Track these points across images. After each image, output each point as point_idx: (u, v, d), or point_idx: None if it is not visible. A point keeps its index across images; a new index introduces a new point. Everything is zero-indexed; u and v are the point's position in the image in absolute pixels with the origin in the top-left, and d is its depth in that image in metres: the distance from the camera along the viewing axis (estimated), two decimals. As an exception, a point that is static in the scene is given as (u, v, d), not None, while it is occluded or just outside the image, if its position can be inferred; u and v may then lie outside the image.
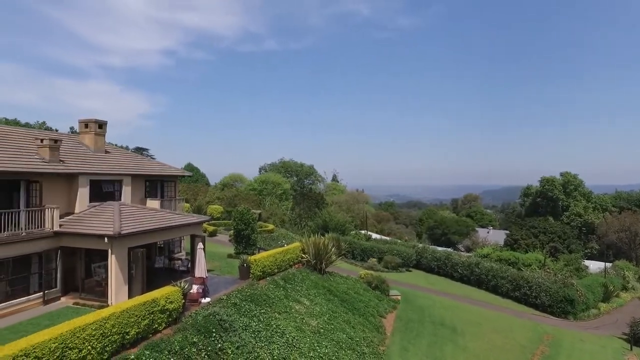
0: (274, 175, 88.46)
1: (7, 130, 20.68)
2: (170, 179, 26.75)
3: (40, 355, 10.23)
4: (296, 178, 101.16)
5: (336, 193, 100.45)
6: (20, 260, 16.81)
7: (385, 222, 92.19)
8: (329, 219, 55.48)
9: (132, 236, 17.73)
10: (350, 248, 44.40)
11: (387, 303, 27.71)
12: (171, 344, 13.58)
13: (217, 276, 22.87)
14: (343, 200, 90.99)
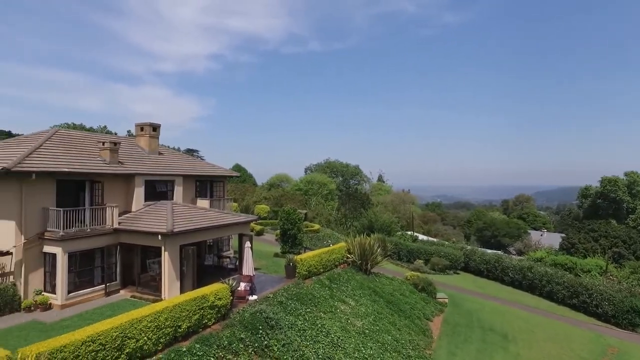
0: (319, 176, 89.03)
1: (74, 135, 22.26)
2: (219, 179, 27.65)
3: (104, 342, 11.00)
4: (342, 178, 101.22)
5: (382, 193, 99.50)
6: (86, 255, 18.06)
7: (432, 223, 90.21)
8: (375, 219, 55.08)
9: (184, 234, 18.50)
10: (396, 249, 43.89)
11: (434, 306, 27.15)
12: (220, 339, 14.06)
13: (263, 274, 23.38)
14: (389, 200, 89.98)
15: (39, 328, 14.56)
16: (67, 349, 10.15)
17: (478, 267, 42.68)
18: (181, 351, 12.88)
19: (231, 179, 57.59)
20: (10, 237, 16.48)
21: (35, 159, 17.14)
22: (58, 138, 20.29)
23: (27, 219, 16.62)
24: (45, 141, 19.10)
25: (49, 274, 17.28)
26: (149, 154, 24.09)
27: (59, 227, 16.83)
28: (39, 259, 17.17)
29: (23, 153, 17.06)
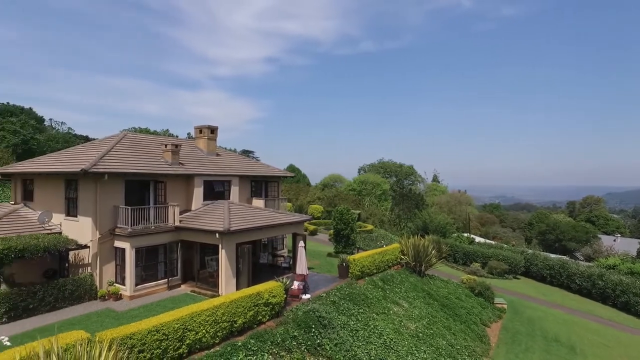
0: (373, 176, 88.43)
1: (141, 138, 23.79)
2: (274, 180, 28.31)
3: (166, 332, 11.70)
4: (395, 178, 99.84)
5: (437, 194, 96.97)
6: (151, 250, 19.25)
7: (489, 225, 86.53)
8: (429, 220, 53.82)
9: (240, 233, 19.15)
10: (451, 251, 42.61)
11: (492, 311, 26.09)
12: (274, 336, 14.42)
13: (316, 274, 23.64)
14: (444, 201, 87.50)
15: (112, 315, 15.77)
16: (135, 336, 10.91)
17: (540, 272, 40.42)
18: (237, 345, 13.35)
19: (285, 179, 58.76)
20: (87, 232, 17.99)
21: (107, 161, 18.54)
22: (127, 141, 21.79)
23: (101, 216, 18.05)
24: (115, 144, 20.59)
25: (119, 267, 18.64)
26: (207, 155, 25.18)
27: (127, 224, 18.09)
28: (111, 253, 18.57)
29: (97, 155, 18.52)
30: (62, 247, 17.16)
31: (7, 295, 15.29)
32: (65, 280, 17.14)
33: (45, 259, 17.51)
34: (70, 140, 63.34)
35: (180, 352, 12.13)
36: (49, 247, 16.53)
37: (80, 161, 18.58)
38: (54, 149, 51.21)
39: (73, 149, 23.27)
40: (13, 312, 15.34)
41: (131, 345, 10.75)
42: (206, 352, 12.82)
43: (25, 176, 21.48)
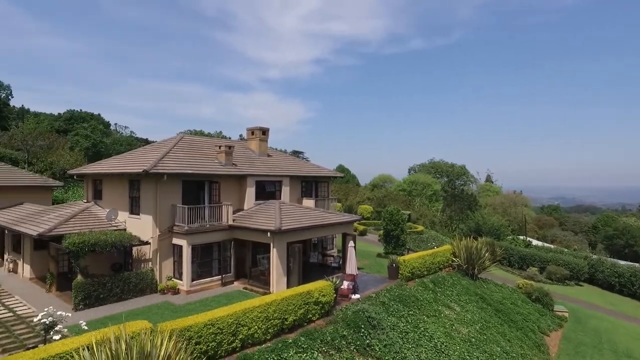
0: (423, 176, 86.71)
1: (196, 140, 24.91)
2: (324, 180, 28.57)
3: (221, 327, 12.21)
4: (447, 179, 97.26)
5: (490, 195, 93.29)
6: (206, 248, 20.11)
7: (548, 228, 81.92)
8: (483, 221, 51.92)
9: (290, 232, 19.53)
10: (506, 254, 40.85)
11: (551, 319, 24.77)
12: (323, 334, 14.59)
13: (366, 274, 23.60)
14: (498, 202, 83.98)
15: (170, 308, 16.68)
16: (192, 329, 11.49)
17: (607, 280, 37.77)
18: (287, 342, 13.65)
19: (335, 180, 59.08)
20: (148, 229, 19.13)
21: (166, 162, 19.60)
22: (183, 143, 22.90)
23: (160, 214, 19.12)
24: (173, 147, 21.71)
25: (177, 263, 19.64)
26: (259, 156, 25.89)
27: (184, 222, 19.03)
28: (169, 250, 19.62)
29: (157, 157, 19.63)
30: (127, 242, 18.40)
31: (83, 284, 16.69)
32: (130, 274, 18.38)
33: (113, 253, 18.88)
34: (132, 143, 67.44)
35: (234, 346, 12.60)
36: (116, 242, 17.80)
37: (141, 163, 19.80)
38: (118, 151, 54.73)
39: (135, 151, 24.83)
40: (87, 300, 16.73)
41: (189, 337, 11.33)
42: (258, 347, 13.21)
43: (95, 177, 23.19)
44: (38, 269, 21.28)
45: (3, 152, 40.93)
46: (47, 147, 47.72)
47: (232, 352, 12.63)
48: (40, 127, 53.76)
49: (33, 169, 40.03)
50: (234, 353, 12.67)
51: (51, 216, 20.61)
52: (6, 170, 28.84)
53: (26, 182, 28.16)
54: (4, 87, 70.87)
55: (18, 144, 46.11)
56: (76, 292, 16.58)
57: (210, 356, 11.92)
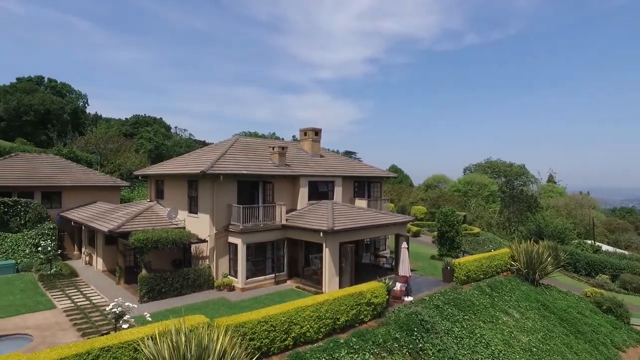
0: (479, 176, 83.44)
1: (250, 142, 25.66)
2: (377, 180, 28.36)
3: (274, 324, 12.50)
4: (504, 179, 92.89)
5: (552, 196, 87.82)
6: (260, 247, 20.66)
7: (620, 232, 75.60)
8: (544, 224, 49.03)
9: (343, 232, 19.57)
10: (571, 259, 38.32)
11: (627, 333, 22.92)
12: (375, 336, 14.49)
13: (419, 276, 23.14)
14: (562, 204, 78.87)
15: (226, 304, 17.31)
16: (247, 325, 11.86)
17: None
18: (339, 342, 13.70)
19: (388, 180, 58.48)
20: (206, 228, 19.98)
21: (222, 163, 20.36)
22: (238, 145, 23.67)
23: (217, 213, 19.89)
24: (229, 148, 22.50)
25: (232, 260, 20.34)
26: (311, 157, 26.18)
27: (239, 222, 19.66)
28: (225, 248, 20.36)
29: (214, 159, 20.44)
30: (186, 240, 19.34)
31: (147, 278, 17.77)
32: (189, 270, 19.30)
33: (173, 250, 19.94)
34: (191, 145, 70.66)
35: (286, 344, 12.85)
36: (176, 240, 18.76)
37: (199, 164, 20.71)
38: (178, 153, 57.59)
39: (193, 153, 26.01)
40: (151, 294, 17.79)
41: (243, 332, 11.71)
42: (310, 346, 13.38)
43: (157, 177, 24.59)
44: (109, 262, 22.93)
45: (80, 155, 44.48)
46: (116, 150, 51.35)
47: (284, 350, 12.89)
48: (110, 132, 57.85)
49: (104, 170, 43.13)
50: (287, 351, 12.91)
51: (119, 214, 22.14)
52: (83, 172, 31.44)
53: (99, 183, 30.53)
54: (82, 96, 77.24)
55: (92, 147, 50.04)
56: (141, 285, 17.68)
57: (263, 352, 12.24)
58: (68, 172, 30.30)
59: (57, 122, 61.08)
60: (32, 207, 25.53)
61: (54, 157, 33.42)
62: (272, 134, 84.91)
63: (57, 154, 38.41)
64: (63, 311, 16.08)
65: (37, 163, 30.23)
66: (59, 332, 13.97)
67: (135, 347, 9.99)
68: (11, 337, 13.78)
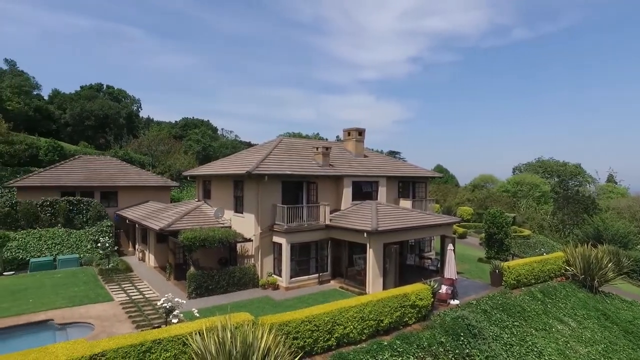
0: (530, 176, 79.71)
1: (294, 142, 25.95)
2: (421, 180, 27.83)
3: (318, 324, 12.57)
4: (558, 179, 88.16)
5: (613, 197, 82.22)
6: (304, 246, 20.83)
7: (695, 237, 69.56)
8: (604, 227, 46.01)
9: (387, 233, 19.34)
10: (636, 266, 35.71)
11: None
12: (420, 339, 14.21)
13: (466, 279, 22.45)
14: (624, 205, 73.59)
15: (270, 303, 17.61)
16: (290, 324, 12.00)
17: None
18: (382, 344, 13.55)
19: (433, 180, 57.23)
20: (251, 227, 20.42)
21: (267, 164, 20.73)
22: (283, 146, 24.00)
23: (262, 213, 20.27)
24: (273, 149, 22.86)
25: (276, 260, 20.65)
26: (355, 157, 26.09)
27: (284, 221, 19.92)
28: (269, 247, 20.71)
29: (259, 159, 20.85)
30: (232, 239, 19.85)
31: (195, 276, 18.43)
32: (234, 268, 19.80)
33: (220, 248, 20.53)
34: (237, 146, 72.58)
35: (330, 344, 12.88)
36: (222, 239, 19.31)
37: (244, 165, 21.20)
38: (225, 154, 59.33)
39: (239, 154, 26.67)
40: (198, 290, 18.42)
41: (287, 331, 11.86)
42: (353, 347, 13.32)
43: (205, 178, 25.43)
44: (160, 259, 24.00)
45: (134, 157, 46.96)
46: (166, 152, 53.74)
47: (327, 350, 12.92)
48: (161, 134, 60.61)
49: (155, 171, 45.22)
50: (330, 351, 12.94)
51: (169, 213, 23.11)
52: (137, 173, 33.19)
53: (151, 183, 32.11)
54: (135, 101, 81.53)
55: (145, 149, 52.74)
56: (189, 282, 18.36)
57: (307, 352, 12.33)
58: (124, 173, 32.09)
59: (114, 125, 64.87)
60: (93, 205, 27.27)
61: (111, 159, 35.48)
62: (316, 134, 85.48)
63: (114, 156, 40.78)
64: (119, 304, 17.01)
65: (96, 165, 32.24)
66: (116, 323, 14.80)
67: (184, 342, 10.38)
68: (76, 324, 14.89)
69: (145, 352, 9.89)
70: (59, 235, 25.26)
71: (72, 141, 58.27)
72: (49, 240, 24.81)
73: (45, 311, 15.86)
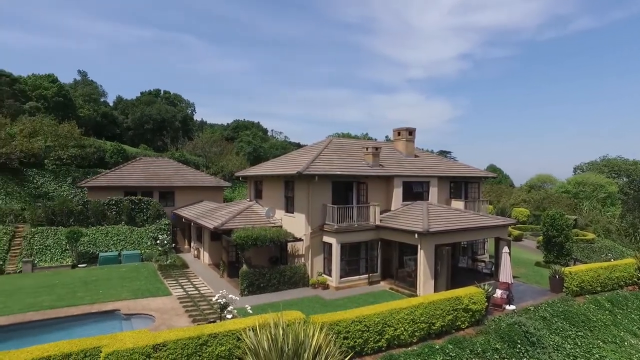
0: (593, 176, 74.57)
1: (344, 142, 26.01)
2: (474, 181, 26.94)
3: (368, 324, 12.54)
4: (626, 179, 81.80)
5: (694, 199, 75.06)
6: (354, 247, 20.83)
7: None
8: (682, 232, 42.21)
9: (439, 234, 18.91)
10: None
11: None
12: (473, 344, 13.75)
13: (522, 284, 21.46)
14: None
15: (320, 302, 17.77)
16: (341, 324, 12.06)
17: None
18: (434, 348, 13.26)
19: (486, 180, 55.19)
20: (302, 227, 20.71)
21: (317, 164, 20.93)
22: (332, 146, 24.12)
23: (312, 213, 20.50)
24: (323, 149, 23.04)
25: (326, 260, 20.79)
26: (405, 157, 25.72)
27: (334, 221, 20.02)
28: (320, 247, 20.89)
29: (309, 160, 21.10)
30: (283, 238, 20.23)
31: (248, 273, 18.99)
32: (285, 267, 20.17)
33: (271, 247, 21.00)
34: (286, 147, 73.80)
35: (380, 345, 12.80)
36: (273, 238, 19.74)
37: (295, 165, 21.53)
38: (275, 155, 60.51)
39: (289, 155, 27.12)
40: (250, 288, 18.97)
41: (337, 331, 11.92)
42: (404, 349, 13.15)
43: (256, 178, 26.11)
44: (214, 256, 24.94)
45: (189, 158, 49.13)
46: (219, 153, 55.71)
47: (377, 351, 12.85)
48: (214, 136, 62.94)
49: (209, 171, 46.97)
50: (380, 352, 12.86)
51: (223, 212, 23.96)
52: (192, 173, 34.72)
53: (205, 183, 33.46)
54: (190, 104, 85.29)
55: (199, 151, 55.00)
56: (242, 279, 18.93)
57: (357, 352, 12.34)
58: (180, 174, 33.68)
59: (171, 128, 68.24)
60: (152, 205, 28.85)
61: (169, 160, 37.34)
62: (365, 134, 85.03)
63: (171, 157, 42.88)
64: (177, 298, 17.89)
65: (155, 166, 34.08)
66: (174, 316, 15.57)
67: (238, 337, 10.74)
68: (140, 316, 15.92)
69: (202, 345, 10.35)
70: (122, 232, 26.98)
71: (133, 144, 61.95)
72: (114, 236, 26.58)
73: (113, 302, 17.11)
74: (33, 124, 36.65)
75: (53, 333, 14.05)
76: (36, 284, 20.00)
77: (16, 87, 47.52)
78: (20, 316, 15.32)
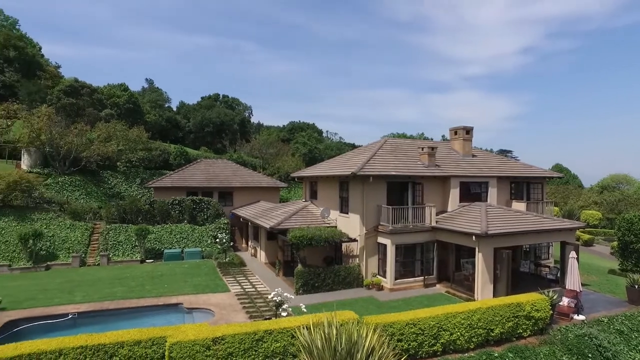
0: (680, 176, 67.61)
1: (399, 142, 25.67)
2: (537, 181, 25.52)
3: (422, 328, 12.32)
4: None
5: None
6: (409, 248, 20.53)
7: None
8: None
9: (498, 237, 18.16)
10: None
11: None
12: (536, 355, 13.07)
13: (593, 292, 20.00)
14: None
15: (374, 303, 17.70)
16: (395, 325, 11.96)
17: None
18: (493, 356, 12.77)
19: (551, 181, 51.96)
20: (356, 228, 20.75)
21: (372, 164, 20.86)
22: (387, 146, 23.91)
23: (366, 214, 20.47)
24: (378, 150, 22.91)
25: (381, 261, 20.66)
26: (462, 157, 24.91)
27: (389, 222, 19.85)
28: (374, 248, 20.80)
29: (363, 160, 21.09)
30: (337, 239, 20.37)
31: (303, 273, 19.35)
32: (340, 267, 20.29)
33: (325, 247, 21.21)
34: (341, 148, 74.04)
35: (435, 350, 12.52)
36: (328, 238, 19.93)
37: (349, 166, 21.59)
38: (330, 155, 60.95)
39: (344, 156, 27.23)
40: (305, 287, 19.30)
41: (391, 332, 11.83)
42: (460, 355, 12.78)
43: (311, 179, 26.49)
44: (270, 255, 25.63)
45: (246, 159, 50.85)
46: (275, 154, 57.09)
47: (432, 356, 12.58)
48: (270, 138, 64.58)
49: (265, 172, 48.29)
50: (435, 357, 12.59)
51: (279, 212, 24.56)
52: (249, 174, 35.94)
53: (262, 184, 34.47)
54: (247, 107, 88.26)
55: (256, 152, 56.76)
56: (297, 278, 19.30)
57: (411, 355, 12.16)
58: (238, 175, 34.98)
59: (229, 131, 70.95)
60: (212, 204, 30.21)
61: (227, 161, 38.90)
62: (421, 134, 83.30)
63: (229, 159, 44.63)
64: (235, 294, 18.62)
65: (215, 167, 35.65)
66: (232, 312, 16.23)
67: (293, 334, 11.00)
68: (200, 310, 16.80)
69: (258, 341, 10.73)
70: (185, 230, 28.50)
71: (194, 146, 65.13)
72: (177, 234, 28.15)
73: (177, 296, 18.18)
74: (108, 129, 39.73)
75: (125, 321, 15.36)
76: (111, 275, 21.82)
77: (95, 96, 51.69)
78: (99, 304, 16.93)
